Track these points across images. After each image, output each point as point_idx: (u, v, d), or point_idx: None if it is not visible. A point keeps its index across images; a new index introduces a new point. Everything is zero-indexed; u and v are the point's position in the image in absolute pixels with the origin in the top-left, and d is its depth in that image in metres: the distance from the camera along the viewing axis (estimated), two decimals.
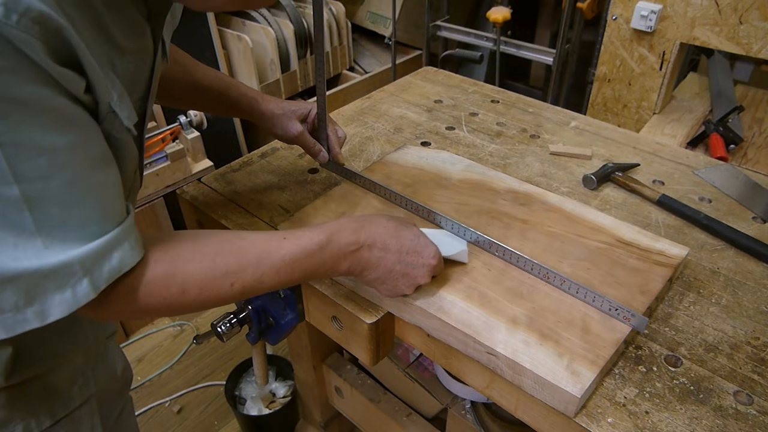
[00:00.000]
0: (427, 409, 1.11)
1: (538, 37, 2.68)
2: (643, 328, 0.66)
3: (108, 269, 0.49)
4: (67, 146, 0.45)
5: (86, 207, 0.48)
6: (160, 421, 1.66)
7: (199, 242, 0.58)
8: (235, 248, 0.59)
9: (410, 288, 0.70)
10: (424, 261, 0.70)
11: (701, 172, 1.01)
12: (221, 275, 0.57)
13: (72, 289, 0.47)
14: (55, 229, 0.46)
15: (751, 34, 1.29)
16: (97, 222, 0.49)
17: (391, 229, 0.69)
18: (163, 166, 1.71)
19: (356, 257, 0.67)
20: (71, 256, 0.46)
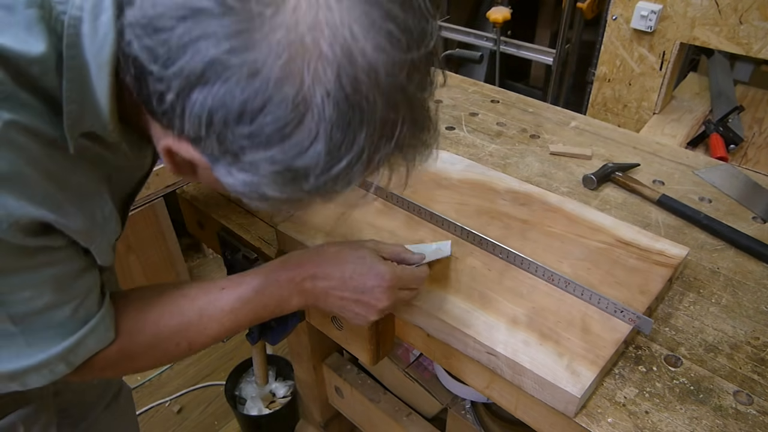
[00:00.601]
0: (427, 409, 1.11)
1: (538, 37, 2.68)
2: (648, 329, 0.66)
3: (83, 352, 0.57)
4: (46, 280, 0.52)
5: (64, 313, 0.55)
6: (160, 421, 1.66)
7: (144, 308, 0.63)
8: (176, 308, 0.63)
9: (372, 314, 0.66)
10: (374, 283, 0.64)
11: (701, 172, 1.01)
12: (165, 338, 0.62)
13: (50, 370, 0.56)
14: (37, 334, 0.53)
15: (751, 34, 1.29)
16: (75, 321, 0.56)
17: (334, 256, 0.66)
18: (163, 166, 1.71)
19: (302, 291, 0.66)
20: (52, 353, 0.54)
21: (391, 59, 0.40)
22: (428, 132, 0.48)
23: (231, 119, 0.40)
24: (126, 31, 0.42)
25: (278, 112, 0.39)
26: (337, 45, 0.39)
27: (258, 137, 0.41)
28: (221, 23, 0.38)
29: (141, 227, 1.78)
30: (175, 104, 0.41)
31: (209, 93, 0.39)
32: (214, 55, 0.38)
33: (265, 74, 0.38)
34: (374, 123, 0.42)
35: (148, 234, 1.82)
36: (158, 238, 1.86)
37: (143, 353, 0.62)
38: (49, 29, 0.44)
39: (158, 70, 0.40)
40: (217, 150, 0.43)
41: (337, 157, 0.42)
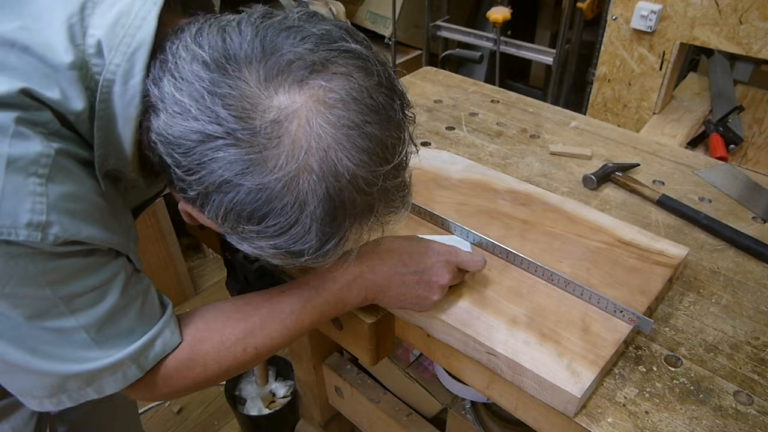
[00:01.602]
0: (427, 409, 1.11)
1: (538, 37, 2.68)
2: (648, 329, 0.66)
3: (153, 355, 0.61)
4: (106, 280, 0.56)
5: (130, 317, 0.59)
6: (160, 421, 1.66)
7: (209, 318, 0.66)
8: (240, 316, 0.66)
9: (435, 292, 0.68)
10: (433, 260, 0.68)
11: (701, 172, 1.01)
12: (232, 344, 0.64)
13: (123, 372, 0.59)
14: (108, 337, 0.57)
15: (751, 34, 1.29)
16: (141, 324, 0.60)
17: (387, 244, 0.69)
18: None
19: (360, 284, 0.67)
20: (122, 355, 0.58)
21: (369, 170, 0.50)
22: (401, 199, 0.56)
23: (242, 219, 0.50)
24: (152, 135, 0.51)
25: (279, 216, 0.49)
26: (325, 165, 0.48)
27: (264, 233, 0.51)
28: (233, 152, 0.47)
29: (141, 227, 1.78)
30: (195, 198, 0.51)
31: (224, 199, 0.49)
32: (228, 177, 0.47)
33: (269, 190, 0.48)
34: (355, 214, 0.52)
35: (148, 234, 1.82)
36: (158, 238, 1.86)
37: (212, 360, 0.64)
38: (85, 87, 0.52)
39: (181, 174, 0.49)
40: (229, 230, 0.53)
41: (326, 242, 0.52)
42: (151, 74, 0.51)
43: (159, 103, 0.49)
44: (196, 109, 0.47)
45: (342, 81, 0.48)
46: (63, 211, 0.50)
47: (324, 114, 0.47)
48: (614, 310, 0.68)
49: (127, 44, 0.51)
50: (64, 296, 0.53)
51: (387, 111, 0.51)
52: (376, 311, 0.75)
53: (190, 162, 0.48)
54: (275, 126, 0.46)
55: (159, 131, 0.49)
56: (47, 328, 0.53)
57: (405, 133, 0.53)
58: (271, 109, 0.46)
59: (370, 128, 0.49)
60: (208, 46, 0.48)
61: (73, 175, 0.52)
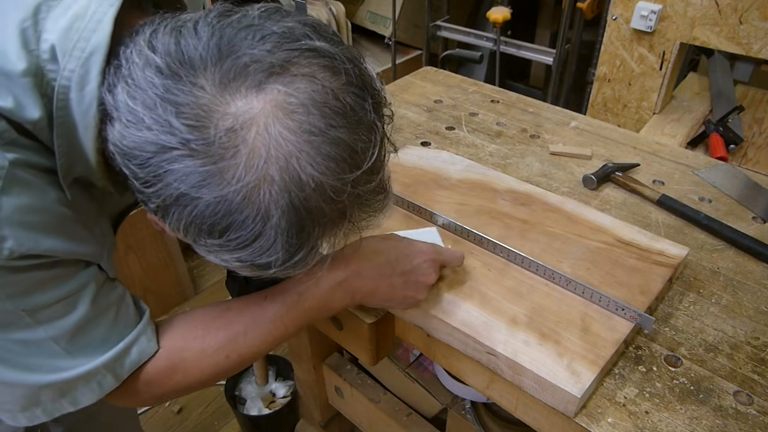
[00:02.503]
0: (427, 409, 1.11)
1: (538, 37, 2.68)
2: (650, 327, 0.66)
3: (128, 363, 0.59)
4: (73, 291, 0.55)
5: (102, 326, 0.57)
6: (160, 421, 1.66)
7: (191, 325, 0.65)
8: (222, 323, 0.64)
9: (422, 292, 0.69)
10: (419, 260, 0.68)
11: (701, 172, 1.01)
12: (214, 352, 0.63)
13: (98, 382, 0.58)
14: (80, 348, 0.56)
15: (751, 34, 1.29)
16: (116, 332, 0.58)
17: (370, 250, 0.68)
18: None
19: (346, 288, 0.66)
20: (95, 364, 0.56)
21: (337, 178, 0.47)
22: (378, 203, 0.54)
23: (203, 233, 0.48)
24: (109, 146, 0.48)
25: (241, 230, 0.47)
26: (287, 174, 0.45)
27: (226, 246, 0.48)
28: (187, 164, 0.44)
29: (141, 227, 1.78)
30: (156, 210, 0.48)
31: (183, 212, 0.46)
32: (184, 189, 0.45)
33: (228, 202, 0.45)
34: (324, 223, 0.49)
35: (148, 234, 1.82)
36: (158, 238, 1.86)
37: (192, 367, 0.63)
38: (41, 93, 0.49)
39: (139, 186, 0.47)
40: (193, 243, 0.50)
41: (294, 253, 0.49)
42: (106, 81, 0.48)
43: (114, 111, 0.47)
44: (149, 118, 0.44)
45: (303, 83, 0.45)
46: (18, 224, 0.48)
47: (283, 120, 0.44)
48: (615, 308, 0.69)
49: (81, 49, 0.48)
50: (28, 309, 0.51)
51: (356, 113, 0.47)
52: (376, 311, 0.75)
53: (146, 174, 0.46)
54: (231, 135, 0.44)
55: (114, 142, 0.47)
56: (14, 340, 0.52)
57: (377, 134, 0.50)
58: (227, 116, 0.44)
59: (336, 132, 0.46)
60: (163, 50, 0.45)
61: (30, 186, 0.49)
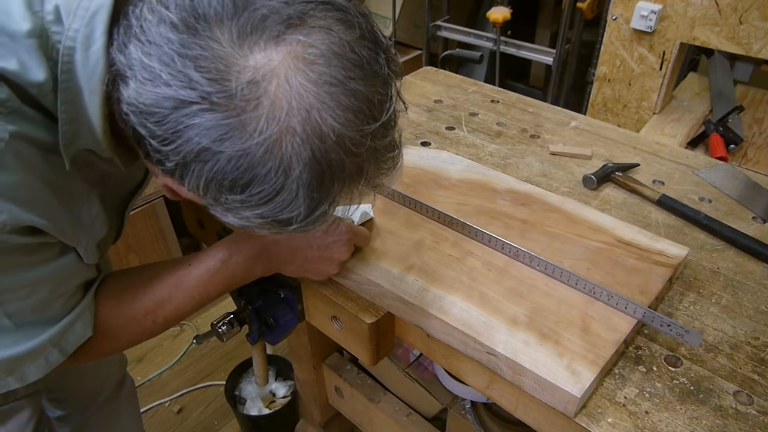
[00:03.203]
0: (427, 409, 1.11)
1: (538, 37, 2.68)
2: (698, 344, 0.65)
3: (74, 337, 0.60)
4: (42, 278, 0.55)
5: (55, 306, 0.58)
6: (160, 421, 1.66)
7: (118, 292, 0.66)
8: (148, 288, 0.67)
9: (334, 267, 0.73)
10: (335, 238, 0.72)
11: (701, 172, 1.01)
12: (142, 317, 0.66)
13: (45, 358, 0.59)
14: (29, 324, 0.56)
15: (751, 34, 1.29)
16: (63, 311, 0.59)
17: None
18: None
19: (266, 257, 0.70)
20: (43, 338, 0.57)
21: (356, 130, 0.47)
22: (392, 160, 0.54)
23: (224, 189, 0.47)
24: (123, 106, 0.47)
25: (264, 183, 0.46)
26: (309, 126, 0.45)
27: (248, 202, 0.48)
28: (207, 117, 0.43)
29: (141, 227, 1.78)
30: (174, 170, 0.47)
31: (204, 168, 0.46)
32: (206, 144, 0.44)
33: (251, 156, 0.45)
34: (344, 177, 0.49)
35: (148, 234, 1.82)
36: (158, 238, 1.86)
37: (122, 333, 0.66)
38: (47, 56, 0.48)
39: (156, 144, 0.46)
40: (213, 202, 0.50)
41: (315, 208, 0.49)
42: (116, 42, 0.47)
43: (127, 70, 0.46)
44: (167, 74, 0.43)
45: (321, 35, 0.45)
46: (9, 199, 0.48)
47: (304, 71, 0.44)
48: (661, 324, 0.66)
49: (85, 8, 0.48)
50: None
51: (372, 66, 0.47)
52: (376, 311, 0.75)
53: (165, 131, 0.45)
54: (252, 87, 0.43)
55: (130, 101, 0.46)
56: None
57: (392, 89, 0.50)
58: (247, 69, 0.43)
59: (355, 84, 0.46)
60: (175, 6, 0.45)
61: (26, 163, 0.50)
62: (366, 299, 0.76)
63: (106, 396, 1.10)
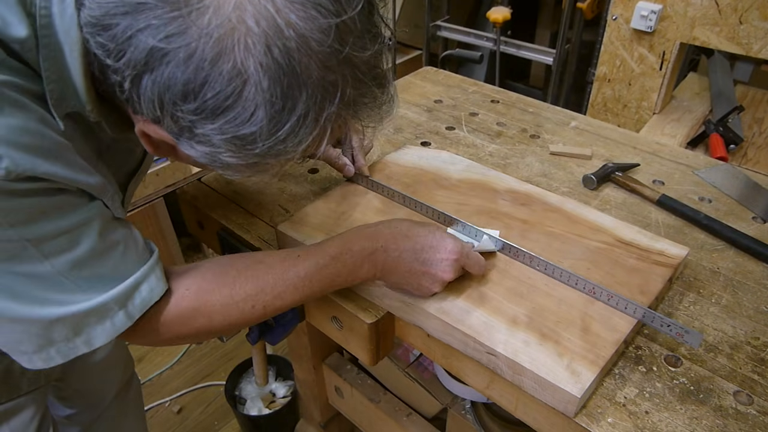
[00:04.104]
0: (427, 409, 1.11)
1: (538, 37, 2.68)
2: (698, 344, 0.64)
3: (140, 301, 0.58)
4: (78, 224, 0.53)
5: (111, 261, 0.56)
6: (160, 421, 1.66)
7: (220, 272, 0.64)
8: (252, 273, 0.64)
9: (436, 285, 0.69)
10: (443, 256, 0.68)
11: (701, 172, 1.01)
12: (241, 300, 0.63)
13: (111, 320, 0.56)
14: (89, 282, 0.55)
15: (751, 34, 1.29)
16: (124, 268, 0.57)
17: (404, 230, 0.70)
18: (163, 166, 1.71)
19: (372, 261, 0.68)
20: (106, 298, 0.55)
21: (318, 26, 0.43)
22: (380, 88, 0.50)
23: (178, 98, 0.45)
24: (84, 30, 0.46)
25: (217, 87, 0.43)
26: (263, 19, 0.42)
27: (204, 111, 0.45)
28: (156, 14, 0.42)
29: (141, 227, 1.78)
30: (131, 91, 0.46)
31: (155, 78, 0.44)
32: (153, 44, 0.43)
33: (199, 55, 0.42)
34: (312, 86, 0.45)
35: (148, 234, 1.82)
36: (158, 238, 1.86)
37: (218, 312, 0.62)
38: (26, 12, 0.47)
39: (112, 63, 0.45)
40: (174, 127, 0.47)
41: (280, 121, 0.46)
42: None
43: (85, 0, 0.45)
44: None
45: None
46: (13, 144, 0.46)
47: None
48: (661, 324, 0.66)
49: None
50: (32, 239, 0.50)
51: None
52: (376, 311, 0.75)
53: (117, 42, 0.44)
54: None
55: (86, 21, 0.45)
56: (21, 273, 0.51)
57: None
58: None
59: None
60: None
61: (25, 108, 0.48)
62: (366, 299, 0.76)
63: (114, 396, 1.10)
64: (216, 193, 0.98)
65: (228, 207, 0.95)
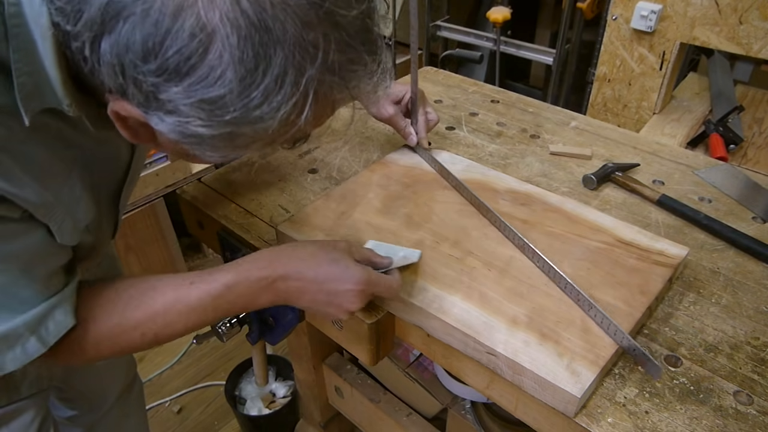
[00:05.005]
0: (427, 409, 1.11)
1: (538, 37, 2.68)
2: (658, 375, 0.64)
3: (54, 327, 0.56)
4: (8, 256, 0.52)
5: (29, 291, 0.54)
6: (160, 421, 1.66)
7: (112, 297, 0.62)
8: (144, 300, 0.62)
9: (343, 314, 0.67)
10: (347, 287, 0.65)
11: (701, 172, 1.01)
12: (131, 328, 0.61)
13: (22, 347, 0.55)
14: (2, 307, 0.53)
15: (751, 34, 1.29)
16: (39, 298, 0.55)
17: (308, 257, 0.66)
18: (163, 165, 1.71)
19: (273, 290, 0.65)
20: (18, 322, 0.54)
21: None
22: (371, 55, 0.47)
23: (138, 59, 0.41)
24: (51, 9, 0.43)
25: (179, 43, 0.40)
26: None
27: (166, 71, 0.41)
28: None
29: (141, 227, 1.78)
30: (92, 59, 0.43)
31: (114, 39, 0.41)
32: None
33: (158, 8, 0.39)
34: (289, 45, 0.41)
35: (148, 234, 1.82)
36: (158, 238, 1.86)
37: (107, 339, 0.61)
38: None
39: (72, 28, 0.42)
40: (140, 96, 0.44)
41: (253, 83, 0.42)
42: None
43: None
44: None
45: None
46: None
47: None
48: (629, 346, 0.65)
49: None
50: None
51: None
52: (376, 311, 0.75)
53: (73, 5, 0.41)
54: None
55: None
56: None
57: None
58: None
59: None
60: None
61: None
62: None
63: (116, 397, 1.10)
64: (216, 193, 0.98)
65: (228, 207, 0.95)
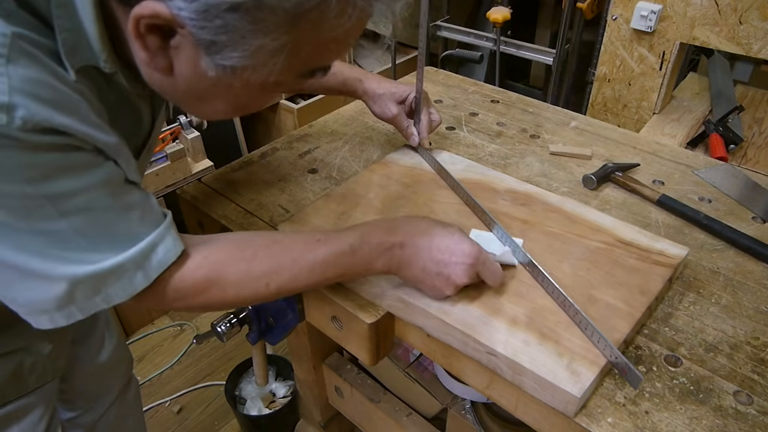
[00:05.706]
0: (427, 409, 1.11)
1: (538, 37, 2.68)
2: (636, 385, 0.64)
3: (156, 261, 0.58)
4: (95, 184, 0.53)
5: (126, 223, 0.56)
6: (160, 421, 1.66)
7: (239, 246, 0.64)
8: (271, 251, 0.65)
9: (449, 288, 0.69)
10: (458, 259, 0.67)
11: (701, 172, 1.01)
12: (257, 277, 0.63)
13: (129, 279, 0.57)
14: (105, 242, 0.55)
15: (751, 34, 1.29)
16: (140, 229, 0.58)
17: (424, 228, 0.69)
18: (163, 166, 1.71)
19: (389, 256, 0.68)
20: (123, 258, 0.56)
21: None
22: None
23: None
24: None
25: None
26: None
27: None
28: None
29: None
30: None
31: None
32: None
33: None
34: None
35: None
36: None
37: (232, 285, 0.63)
38: None
39: None
40: None
41: None
42: None
43: None
44: None
45: None
46: (29, 95, 0.45)
47: None
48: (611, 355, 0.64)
49: None
50: (49, 195, 0.50)
51: None
52: (376, 311, 0.75)
53: None
54: None
55: None
56: (40, 231, 0.51)
57: None
58: None
59: None
60: None
61: (37, 61, 0.47)
62: (366, 299, 0.76)
63: (114, 397, 1.11)
64: (216, 193, 0.98)
65: (228, 207, 0.95)
